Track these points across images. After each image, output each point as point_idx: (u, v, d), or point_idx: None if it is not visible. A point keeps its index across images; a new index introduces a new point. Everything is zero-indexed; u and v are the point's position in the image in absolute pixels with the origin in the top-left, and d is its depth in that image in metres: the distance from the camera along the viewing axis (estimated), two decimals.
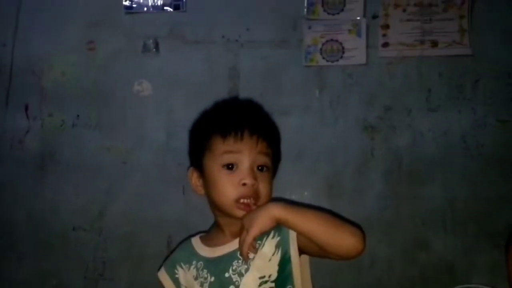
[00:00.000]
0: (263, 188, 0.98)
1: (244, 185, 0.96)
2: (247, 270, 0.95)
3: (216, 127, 1.00)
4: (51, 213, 1.55)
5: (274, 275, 0.94)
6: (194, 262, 1.03)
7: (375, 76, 1.51)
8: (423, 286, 1.42)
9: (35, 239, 1.55)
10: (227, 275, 0.96)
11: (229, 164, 0.97)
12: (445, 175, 1.45)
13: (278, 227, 0.94)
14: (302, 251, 0.96)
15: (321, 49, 1.53)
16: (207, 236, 1.08)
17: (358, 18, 1.52)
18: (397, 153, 1.48)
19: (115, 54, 1.59)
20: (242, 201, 0.96)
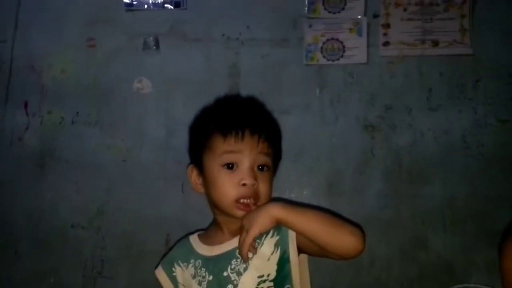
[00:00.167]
0: (263, 188, 0.98)
1: (244, 185, 0.96)
2: (245, 269, 0.95)
3: (217, 125, 0.99)
4: (50, 210, 1.55)
5: (272, 274, 0.94)
6: (192, 260, 1.03)
7: (375, 75, 1.51)
8: (422, 285, 1.42)
9: (33, 237, 1.54)
10: (225, 274, 0.96)
11: (229, 163, 0.97)
12: (445, 175, 1.45)
13: (277, 226, 0.94)
14: (301, 251, 0.96)
15: (321, 48, 1.52)
16: (205, 234, 1.08)
17: (359, 17, 1.52)
18: (397, 152, 1.48)
19: (115, 51, 1.59)
20: (242, 201, 0.96)
